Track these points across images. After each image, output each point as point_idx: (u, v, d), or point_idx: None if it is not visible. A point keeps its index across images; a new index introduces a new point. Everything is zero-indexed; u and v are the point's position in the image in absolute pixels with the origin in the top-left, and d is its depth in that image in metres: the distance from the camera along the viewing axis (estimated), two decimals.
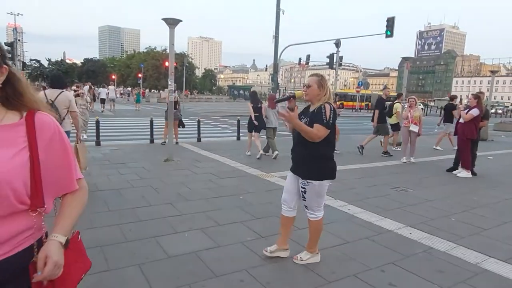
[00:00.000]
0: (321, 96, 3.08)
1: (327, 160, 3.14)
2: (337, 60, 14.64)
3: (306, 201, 3.18)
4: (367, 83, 38.90)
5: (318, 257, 3.33)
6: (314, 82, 3.08)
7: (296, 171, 3.23)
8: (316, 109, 3.07)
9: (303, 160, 3.13)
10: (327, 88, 3.11)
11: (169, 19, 8.16)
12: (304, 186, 3.11)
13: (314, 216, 3.23)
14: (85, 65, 78.94)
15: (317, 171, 3.08)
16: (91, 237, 3.66)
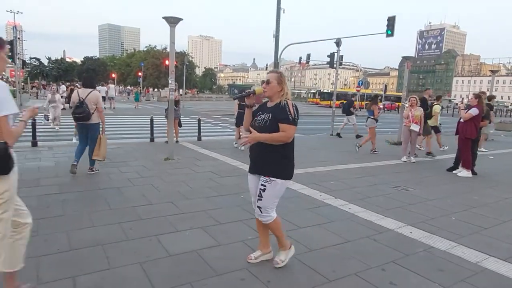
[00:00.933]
0: (283, 93, 2.96)
1: (289, 160, 3.02)
2: (338, 59, 14.60)
3: (263, 201, 2.98)
4: (368, 82, 38.83)
5: (293, 248, 3.30)
6: (274, 79, 2.96)
7: (257, 170, 3.03)
8: (276, 105, 2.94)
9: (265, 160, 2.95)
10: (287, 85, 3.02)
11: (169, 18, 8.15)
12: (265, 183, 2.93)
13: (269, 217, 3.05)
14: (85, 63, 78.82)
15: (281, 170, 2.96)
16: (92, 235, 3.68)
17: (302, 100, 69.62)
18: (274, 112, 2.91)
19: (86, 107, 5.97)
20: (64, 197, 4.89)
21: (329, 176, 6.79)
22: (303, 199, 5.28)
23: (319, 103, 49.24)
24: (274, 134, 2.85)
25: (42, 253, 3.23)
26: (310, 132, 15.73)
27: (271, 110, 2.94)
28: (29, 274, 2.87)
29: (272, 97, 3.00)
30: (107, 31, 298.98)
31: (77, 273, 2.94)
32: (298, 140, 12.82)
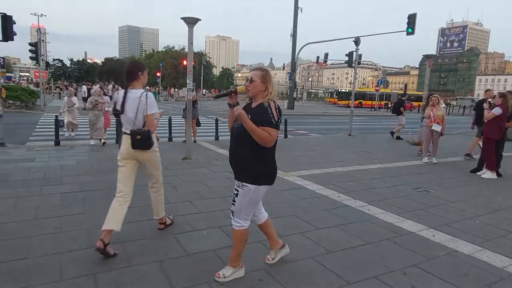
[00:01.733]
0: (267, 92, 2.73)
1: (268, 163, 2.79)
2: (356, 58, 14.39)
3: (236, 206, 2.83)
4: (387, 82, 38.12)
5: (243, 271, 3.00)
6: (257, 77, 2.73)
7: (234, 172, 2.87)
8: (259, 106, 2.71)
9: (241, 160, 2.76)
10: (272, 84, 2.76)
11: (188, 18, 8.21)
12: (238, 188, 2.78)
13: (239, 225, 2.87)
14: (106, 64, 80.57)
15: (255, 174, 2.72)
16: (112, 233, 3.73)
17: (319, 100, 69.08)
18: (255, 114, 2.66)
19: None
20: (85, 195, 5.00)
21: (348, 177, 6.69)
22: (321, 199, 5.22)
23: (337, 103, 48.72)
24: (258, 130, 2.60)
25: (64, 250, 3.30)
26: (328, 132, 15.59)
27: (252, 112, 2.70)
28: (52, 270, 2.94)
29: (255, 97, 2.77)
30: (126, 33, 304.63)
31: (97, 270, 2.99)
32: (315, 140, 12.79)
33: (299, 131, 15.42)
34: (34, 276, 2.86)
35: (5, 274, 2.86)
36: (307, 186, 5.89)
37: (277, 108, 2.72)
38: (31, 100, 22.61)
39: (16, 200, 4.66)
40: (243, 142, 2.71)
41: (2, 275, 2.85)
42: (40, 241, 3.49)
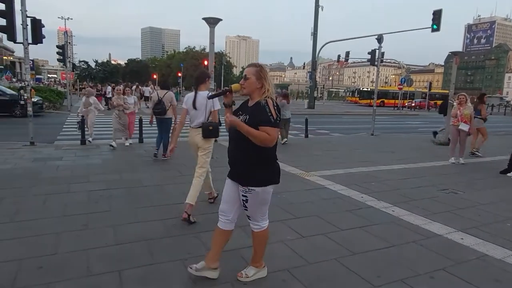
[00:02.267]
0: (263, 90, 2.62)
1: (271, 162, 2.70)
2: (379, 56, 14.09)
3: (248, 211, 2.77)
4: (411, 80, 37.12)
5: (265, 271, 2.97)
6: (252, 74, 2.61)
7: (235, 177, 2.74)
8: (256, 105, 2.59)
9: (243, 164, 2.66)
10: (268, 81, 2.63)
11: (209, 19, 8.29)
12: (246, 194, 2.67)
13: (258, 227, 2.84)
14: (129, 65, 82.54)
15: (259, 176, 2.63)
16: (136, 230, 3.80)
17: (340, 99, 68.23)
18: (253, 112, 2.57)
19: (163, 105, 7.34)
20: (110, 193, 5.11)
21: (371, 177, 6.56)
22: (344, 200, 5.14)
23: (358, 102, 48.00)
24: (256, 132, 2.49)
25: (91, 246, 3.39)
26: (350, 131, 15.36)
27: (250, 111, 2.61)
28: (80, 266, 3.02)
29: (251, 95, 2.66)
30: (148, 34, 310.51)
31: (123, 266, 3.04)
32: (337, 139, 12.64)
33: (320, 131, 15.27)
34: (63, 271, 2.94)
35: (37, 268, 2.96)
36: (329, 186, 5.81)
37: (276, 106, 2.59)
38: (59, 101, 23.41)
39: (46, 197, 4.82)
40: (243, 145, 2.58)
41: (34, 269, 2.95)
42: (68, 237, 3.59)
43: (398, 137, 14.02)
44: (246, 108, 2.66)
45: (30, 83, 9.85)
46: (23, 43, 8.83)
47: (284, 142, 10.32)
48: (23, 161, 7.07)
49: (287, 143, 10.42)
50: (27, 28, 8.84)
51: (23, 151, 8.02)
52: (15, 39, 8.70)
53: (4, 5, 8.48)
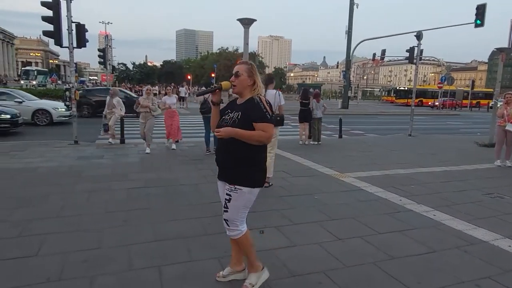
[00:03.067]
0: (255, 87, 2.55)
1: (260, 163, 2.59)
2: (418, 53, 13.55)
3: (229, 213, 2.60)
4: (451, 78, 35.37)
5: (266, 272, 2.81)
6: (243, 71, 2.54)
7: (223, 176, 2.65)
8: (248, 102, 2.52)
9: (231, 163, 2.56)
10: (259, 78, 2.58)
11: (243, 19, 8.35)
12: (230, 192, 2.55)
13: (239, 231, 2.64)
14: (164, 67, 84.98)
15: (248, 176, 2.53)
16: (174, 228, 3.90)
17: (375, 99, 66.43)
18: (246, 110, 2.48)
19: (209, 104, 7.88)
20: (148, 191, 5.28)
21: (410, 180, 6.33)
22: (381, 203, 4.99)
23: (395, 102, 46.47)
24: (253, 132, 2.43)
25: (132, 242, 3.51)
26: (386, 132, 14.91)
27: (242, 108, 2.52)
28: (121, 260, 3.15)
29: (242, 93, 2.58)
30: (183, 36, 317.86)
31: (162, 262, 3.14)
32: (372, 140, 12.31)
33: (354, 131, 14.94)
34: (106, 265, 3.07)
35: (82, 262, 3.11)
36: (366, 188, 5.67)
37: (268, 103, 2.54)
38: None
39: (89, 194, 5.06)
40: (232, 145, 2.49)
41: (79, 262, 3.11)
42: (110, 232, 3.75)
43: (438, 138, 13.44)
44: (236, 106, 2.58)
45: (75, 85, 10.39)
46: (69, 47, 9.33)
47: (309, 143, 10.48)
48: (68, 159, 7.48)
49: (316, 144, 10.44)
50: (72, 33, 9.33)
51: (68, 150, 8.48)
52: (61, 44, 9.22)
53: (51, 12, 9.01)
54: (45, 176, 6.03)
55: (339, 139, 11.92)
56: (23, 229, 3.76)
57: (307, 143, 10.45)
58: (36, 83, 41.28)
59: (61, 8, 9.03)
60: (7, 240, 3.50)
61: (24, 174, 6.09)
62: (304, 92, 10.84)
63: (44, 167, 6.68)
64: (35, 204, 4.58)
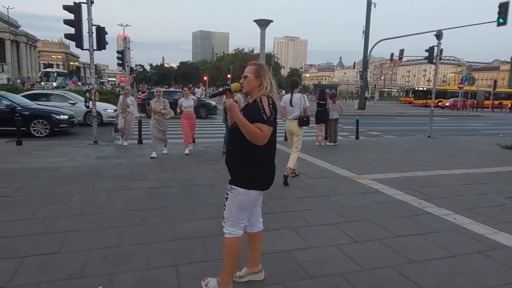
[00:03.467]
0: (261, 87, 2.54)
1: (261, 165, 2.54)
2: (438, 53, 13.27)
3: (225, 210, 2.62)
4: (472, 78, 34.46)
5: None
6: (251, 72, 2.55)
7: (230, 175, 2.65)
8: (252, 102, 2.52)
9: (231, 164, 2.61)
10: (267, 79, 2.55)
11: (260, 20, 8.38)
12: (228, 191, 2.59)
13: (227, 232, 2.61)
14: (181, 68, 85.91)
15: (245, 177, 2.50)
16: (191, 228, 3.95)
17: (392, 99, 65.38)
18: (247, 110, 2.51)
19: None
20: (166, 191, 5.36)
21: (429, 182, 6.20)
22: (400, 205, 4.91)
23: (413, 102, 45.63)
24: (248, 124, 2.40)
25: (150, 241, 3.57)
26: (404, 133, 14.66)
27: (244, 109, 2.54)
28: (140, 259, 3.20)
29: (251, 93, 2.58)
30: (199, 37, 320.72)
31: (179, 261, 3.17)
32: (390, 141, 12.12)
33: (371, 132, 14.74)
34: (125, 262, 3.13)
35: (102, 259, 3.18)
36: (383, 190, 5.59)
37: (271, 104, 2.48)
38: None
39: (109, 193, 5.17)
40: (237, 141, 2.51)
41: (100, 259, 3.18)
42: (129, 231, 3.82)
43: (458, 139, 13.13)
44: (244, 107, 2.63)
45: (95, 86, 10.63)
46: (89, 50, 9.55)
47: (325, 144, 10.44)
48: (88, 159, 7.66)
49: (332, 145, 10.40)
50: (93, 35, 9.55)
51: (88, 150, 8.68)
52: (82, 46, 9.45)
53: (73, 15, 9.24)
54: (67, 175, 6.20)
55: (356, 140, 11.79)
56: (47, 227, 3.87)
57: (323, 144, 10.37)
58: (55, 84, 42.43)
59: (82, 12, 9.27)
60: (33, 237, 3.61)
61: (48, 173, 6.27)
62: (321, 93, 10.72)
63: (67, 166, 6.86)
64: (59, 202, 4.71)
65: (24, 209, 4.39)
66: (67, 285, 2.77)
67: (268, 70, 2.62)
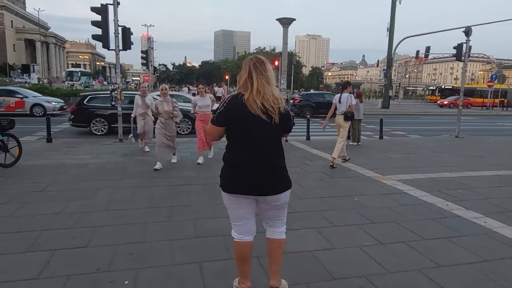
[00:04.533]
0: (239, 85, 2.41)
1: (226, 165, 2.45)
2: (467, 50, 12.81)
3: None
4: (503, 76, 33.05)
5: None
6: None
7: None
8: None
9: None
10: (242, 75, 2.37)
11: (283, 19, 8.34)
12: None
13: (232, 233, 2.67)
14: (202, 67, 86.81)
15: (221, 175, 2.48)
16: (213, 225, 3.98)
17: (418, 98, 63.67)
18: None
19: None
20: (189, 188, 5.43)
21: (457, 184, 6.00)
22: (426, 207, 4.78)
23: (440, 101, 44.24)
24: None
25: (174, 237, 3.63)
26: (430, 133, 14.26)
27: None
28: (164, 255, 3.26)
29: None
30: (221, 37, 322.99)
31: (203, 258, 3.21)
32: (416, 141, 11.85)
33: (395, 132, 14.41)
34: (150, 258, 3.20)
35: (129, 254, 3.27)
36: (409, 192, 5.46)
37: (225, 101, 2.38)
38: None
39: (134, 189, 5.29)
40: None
41: (126, 254, 3.26)
42: (154, 227, 3.90)
43: (488, 139, 12.64)
44: None
45: (120, 86, 10.89)
46: (115, 50, 9.81)
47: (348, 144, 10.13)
48: (114, 156, 7.87)
49: (355, 144, 10.21)
50: (119, 36, 9.79)
51: (114, 147, 8.91)
52: (108, 46, 9.71)
53: (100, 17, 9.51)
54: (94, 171, 6.39)
55: (380, 140, 11.56)
56: (76, 221, 4.01)
57: (346, 143, 10.19)
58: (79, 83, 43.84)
59: (108, 13, 9.51)
60: (63, 231, 3.75)
61: (77, 169, 6.49)
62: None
63: (94, 163, 7.08)
64: (87, 197, 4.87)
65: (55, 204, 4.56)
66: (95, 279, 2.86)
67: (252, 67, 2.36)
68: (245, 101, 2.26)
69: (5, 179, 5.72)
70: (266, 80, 2.32)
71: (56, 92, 22.58)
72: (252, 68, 2.34)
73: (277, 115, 2.28)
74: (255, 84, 2.29)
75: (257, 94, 2.27)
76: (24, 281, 2.81)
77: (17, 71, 58.68)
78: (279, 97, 2.36)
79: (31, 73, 52.06)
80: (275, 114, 2.28)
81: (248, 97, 2.27)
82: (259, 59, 2.41)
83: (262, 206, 2.51)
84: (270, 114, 2.27)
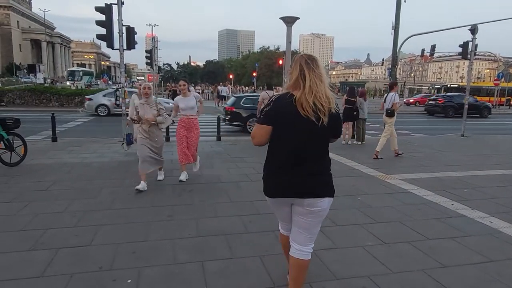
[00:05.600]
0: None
1: (267, 169, 2.35)
2: (473, 48, 12.68)
3: None
4: (510, 75, 32.70)
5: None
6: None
7: None
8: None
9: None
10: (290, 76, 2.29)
11: (286, 18, 8.30)
12: None
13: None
14: (207, 66, 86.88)
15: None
16: (216, 225, 3.97)
17: None
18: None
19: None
20: (191, 187, 5.43)
21: (462, 183, 5.94)
22: (430, 207, 4.74)
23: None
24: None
25: (176, 236, 3.63)
26: (435, 132, 14.15)
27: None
28: (166, 254, 3.26)
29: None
30: (225, 36, 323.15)
31: (205, 258, 3.20)
32: (420, 140, 11.77)
33: (400, 131, 14.29)
34: (152, 257, 3.20)
35: (131, 253, 3.27)
36: (413, 191, 5.41)
37: (272, 100, 2.26)
38: None
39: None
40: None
41: (129, 253, 3.26)
42: (156, 226, 3.90)
43: (494, 139, 12.51)
44: None
45: (124, 85, 10.92)
46: (119, 49, 9.81)
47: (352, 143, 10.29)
48: (118, 155, 7.89)
49: (359, 144, 10.21)
50: (123, 35, 9.80)
51: (117, 147, 8.93)
52: (113, 46, 9.72)
53: (104, 16, 9.52)
54: (98, 171, 6.41)
55: None
56: (79, 220, 4.02)
57: (350, 143, 10.17)
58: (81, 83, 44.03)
59: (112, 13, 9.53)
60: (67, 229, 3.76)
61: (80, 168, 6.51)
62: (351, 90, 10.43)
63: (97, 162, 7.10)
64: (90, 196, 4.88)
65: (58, 202, 4.58)
66: (98, 277, 2.86)
67: (304, 64, 2.23)
68: (295, 102, 2.14)
69: (10, 178, 5.76)
70: (319, 78, 2.18)
71: (61, 92, 22.70)
72: (304, 65, 2.20)
73: (327, 116, 2.14)
74: (307, 82, 2.15)
75: (310, 93, 2.13)
76: (27, 279, 2.81)
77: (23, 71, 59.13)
78: (331, 96, 2.20)
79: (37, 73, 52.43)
80: (325, 115, 2.14)
81: (300, 96, 2.14)
82: (310, 56, 2.27)
83: (298, 209, 2.35)
84: (319, 115, 2.13)
